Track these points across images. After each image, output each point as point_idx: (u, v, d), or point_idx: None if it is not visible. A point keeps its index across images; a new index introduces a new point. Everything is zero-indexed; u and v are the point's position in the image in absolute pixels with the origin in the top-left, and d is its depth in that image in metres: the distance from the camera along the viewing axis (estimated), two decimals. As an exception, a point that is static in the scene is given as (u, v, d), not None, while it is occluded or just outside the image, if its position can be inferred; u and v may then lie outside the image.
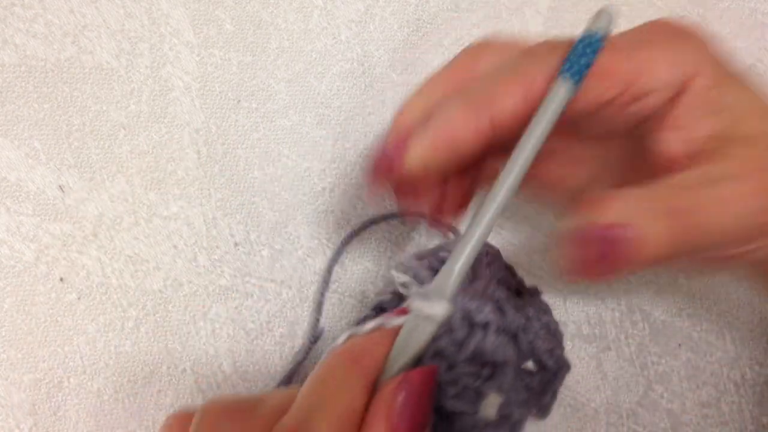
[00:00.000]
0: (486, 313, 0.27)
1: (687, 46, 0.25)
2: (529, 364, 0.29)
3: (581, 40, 0.26)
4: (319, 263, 0.39)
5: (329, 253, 0.39)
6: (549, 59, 0.25)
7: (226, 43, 0.40)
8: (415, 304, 0.25)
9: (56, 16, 0.39)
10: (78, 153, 0.38)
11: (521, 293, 0.32)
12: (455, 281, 0.25)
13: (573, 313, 0.40)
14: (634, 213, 0.22)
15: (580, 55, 0.25)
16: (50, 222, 0.37)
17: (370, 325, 0.25)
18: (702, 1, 0.44)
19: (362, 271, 0.39)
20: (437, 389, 0.26)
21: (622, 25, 0.43)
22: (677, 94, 0.25)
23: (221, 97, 0.39)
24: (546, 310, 0.31)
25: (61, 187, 0.37)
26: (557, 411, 0.39)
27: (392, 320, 0.25)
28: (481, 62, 0.27)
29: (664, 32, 0.26)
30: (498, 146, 0.26)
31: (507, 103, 0.24)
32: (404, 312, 0.26)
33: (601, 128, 0.27)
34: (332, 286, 0.38)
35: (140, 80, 0.39)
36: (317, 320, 0.31)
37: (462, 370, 0.27)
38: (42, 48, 0.38)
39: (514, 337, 0.28)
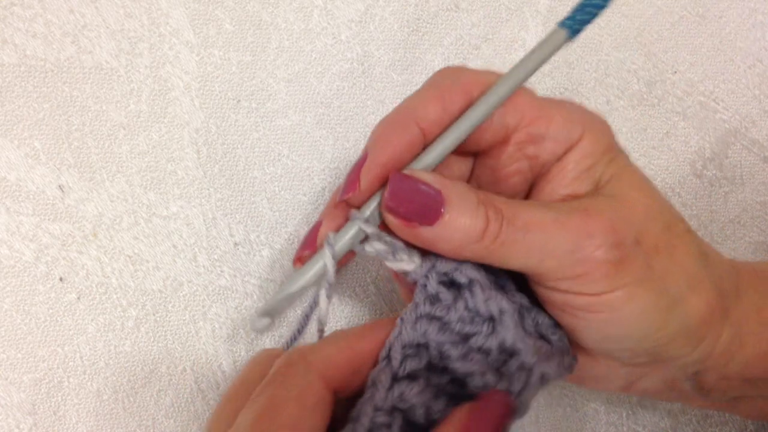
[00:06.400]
0: (465, 271, 0.27)
1: (583, 113, 0.30)
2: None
3: (585, 2, 0.28)
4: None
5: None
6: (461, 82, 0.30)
7: (226, 43, 0.40)
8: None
9: (56, 16, 0.39)
10: (78, 153, 0.38)
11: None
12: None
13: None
14: (461, 192, 0.27)
15: (582, 13, 0.28)
16: (50, 222, 0.37)
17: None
18: (702, 1, 0.44)
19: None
20: (442, 357, 0.27)
21: (622, 24, 0.43)
22: (566, 152, 0.29)
23: (221, 97, 0.39)
24: None
25: (60, 187, 0.37)
26: (557, 411, 0.39)
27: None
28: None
29: (571, 103, 0.31)
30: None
31: (429, 112, 0.29)
32: None
33: (505, 170, 0.31)
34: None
35: (140, 80, 0.39)
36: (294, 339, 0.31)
37: (460, 330, 0.27)
38: (42, 48, 0.38)
39: (520, 315, 0.28)
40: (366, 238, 0.29)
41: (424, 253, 0.28)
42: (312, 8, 0.41)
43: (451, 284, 0.28)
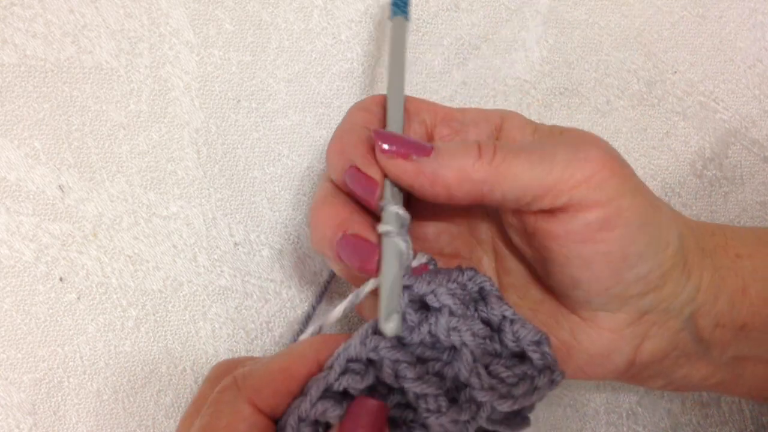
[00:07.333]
0: (439, 296, 0.27)
1: (490, 109, 0.33)
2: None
3: None
4: (319, 263, 0.39)
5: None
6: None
7: (226, 43, 0.40)
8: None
9: (56, 16, 0.39)
10: (78, 153, 0.38)
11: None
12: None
13: (573, 313, 0.40)
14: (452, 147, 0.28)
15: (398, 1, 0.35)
16: (50, 222, 0.37)
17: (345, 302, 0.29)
18: (702, 1, 0.44)
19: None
20: (397, 377, 0.27)
21: (622, 24, 0.43)
22: (497, 132, 0.31)
23: (221, 97, 0.39)
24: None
25: (60, 187, 0.37)
26: (557, 411, 0.39)
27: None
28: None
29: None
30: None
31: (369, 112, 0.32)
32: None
33: None
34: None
35: (140, 80, 0.39)
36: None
37: (421, 353, 0.27)
38: (42, 48, 0.38)
39: (497, 329, 0.28)
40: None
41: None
42: (312, 8, 0.41)
43: (422, 306, 0.28)
